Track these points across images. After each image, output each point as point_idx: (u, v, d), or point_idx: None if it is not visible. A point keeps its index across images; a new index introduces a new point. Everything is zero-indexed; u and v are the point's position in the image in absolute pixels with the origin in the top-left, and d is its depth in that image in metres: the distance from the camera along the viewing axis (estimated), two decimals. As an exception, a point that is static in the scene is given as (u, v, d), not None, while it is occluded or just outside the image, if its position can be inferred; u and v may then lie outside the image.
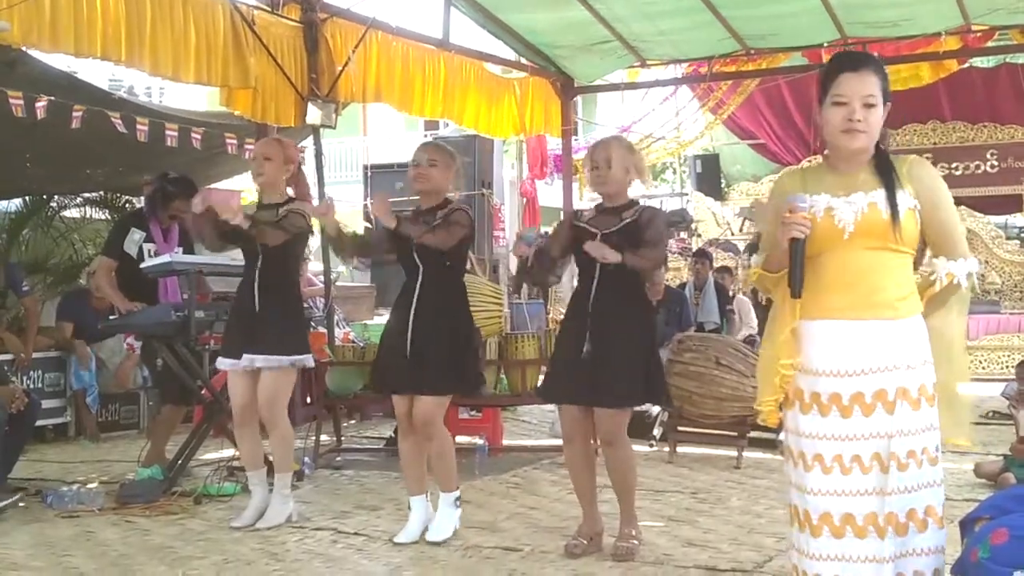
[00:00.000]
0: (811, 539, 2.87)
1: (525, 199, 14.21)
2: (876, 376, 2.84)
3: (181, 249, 6.44)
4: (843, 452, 2.85)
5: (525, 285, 11.06)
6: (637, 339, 4.59)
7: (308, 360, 5.42)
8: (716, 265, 11.76)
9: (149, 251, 6.40)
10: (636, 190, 4.94)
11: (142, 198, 7.10)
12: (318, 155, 8.45)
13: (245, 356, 5.18)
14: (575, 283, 4.83)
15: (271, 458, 5.45)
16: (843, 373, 2.87)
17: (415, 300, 4.83)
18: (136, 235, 6.41)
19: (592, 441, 4.80)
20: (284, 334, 5.23)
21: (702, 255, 10.58)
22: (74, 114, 6.43)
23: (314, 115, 7.64)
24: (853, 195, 2.88)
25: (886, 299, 2.85)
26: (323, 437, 7.23)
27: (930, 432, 2.86)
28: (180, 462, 6.07)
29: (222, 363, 5.35)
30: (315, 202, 6.72)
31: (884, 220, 2.84)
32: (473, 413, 7.87)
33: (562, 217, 8.20)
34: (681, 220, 15.57)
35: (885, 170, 2.89)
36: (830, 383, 2.88)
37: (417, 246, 4.77)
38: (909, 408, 2.82)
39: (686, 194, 18.47)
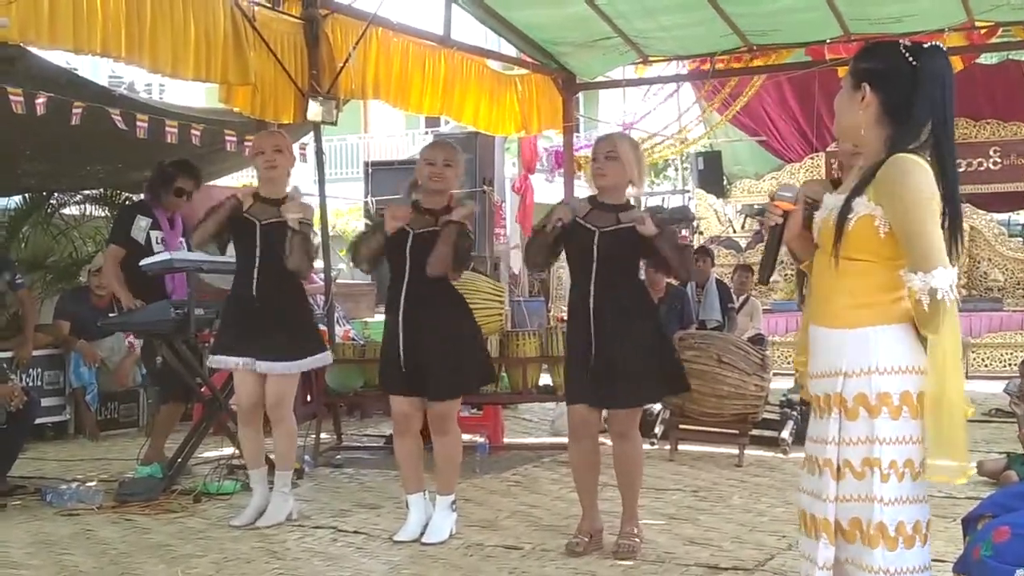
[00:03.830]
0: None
1: (519, 196, 14.16)
2: (823, 381, 2.80)
3: (184, 240, 6.42)
4: (814, 454, 2.84)
5: (527, 282, 11.02)
6: (644, 333, 4.56)
7: (324, 359, 5.40)
8: (737, 264, 11.71)
9: (156, 239, 6.39)
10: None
11: (142, 195, 7.06)
12: (319, 152, 8.42)
13: (258, 363, 5.14)
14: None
15: (272, 457, 5.44)
16: (812, 375, 2.87)
17: (402, 300, 4.79)
18: (143, 222, 6.40)
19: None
20: (293, 337, 5.20)
21: (704, 252, 10.54)
22: (74, 111, 6.40)
23: (315, 111, 7.61)
24: (836, 198, 2.81)
25: (833, 309, 2.78)
26: (323, 435, 7.21)
27: (875, 445, 2.68)
28: (180, 460, 6.05)
29: (216, 360, 5.31)
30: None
31: (831, 227, 2.76)
32: (474, 411, 7.86)
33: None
34: (683, 218, 15.55)
35: (869, 172, 2.74)
36: (811, 385, 2.89)
37: (411, 245, 4.74)
38: (844, 417, 2.73)
39: (688, 191, 18.46)
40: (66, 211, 10.60)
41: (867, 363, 2.70)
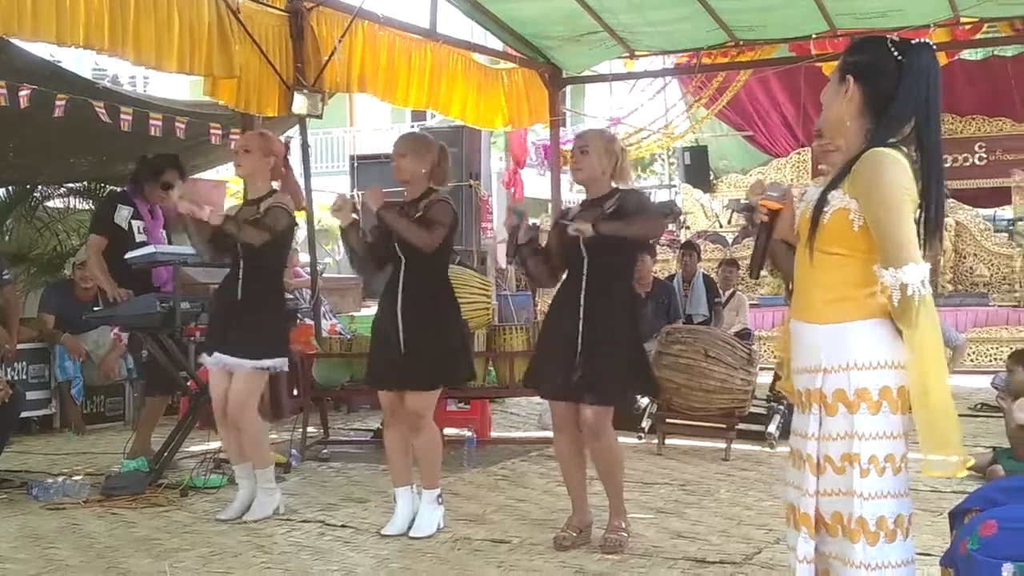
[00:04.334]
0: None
1: (510, 190, 14.17)
2: (804, 376, 2.81)
3: (165, 232, 6.40)
4: (797, 447, 2.85)
5: (514, 276, 11.01)
6: (624, 335, 4.56)
7: (280, 364, 5.27)
8: (723, 259, 11.71)
9: (138, 228, 6.36)
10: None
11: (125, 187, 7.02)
12: (304, 145, 8.40)
13: (216, 355, 5.13)
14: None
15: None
16: (794, 370, 2.88)
17: (400, 294, 4.79)
18: (124, 211, 6.38)
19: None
20: (258, 337, 5.13)
21: (690, 247, 10.55)
22: (57, 103, 6.37)
23: (300, 105, 7.59)
24: (814, 190, 2.81)
25: (810, 302, 2.78)
26: (310, 429, 7.19)
27: (854, 440, 2.68)
28: (166, 454, 6.03)
29: (204, 359, 5.31)
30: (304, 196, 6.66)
31: (807, 219, 2.77)
32: (461, 405, 7.84)
33: (550, 210, 8.22)
34: (670, 212, 15.56)
35: (846, 165, 2.74)
36: (794, 380, 2.89)
37: (398, 239, 4.74)
38: (824, 412, 2.74)
39: (675, 186, 18.48)
40: (50, 204, 10.55)
41: (844, 358, 2.71)
